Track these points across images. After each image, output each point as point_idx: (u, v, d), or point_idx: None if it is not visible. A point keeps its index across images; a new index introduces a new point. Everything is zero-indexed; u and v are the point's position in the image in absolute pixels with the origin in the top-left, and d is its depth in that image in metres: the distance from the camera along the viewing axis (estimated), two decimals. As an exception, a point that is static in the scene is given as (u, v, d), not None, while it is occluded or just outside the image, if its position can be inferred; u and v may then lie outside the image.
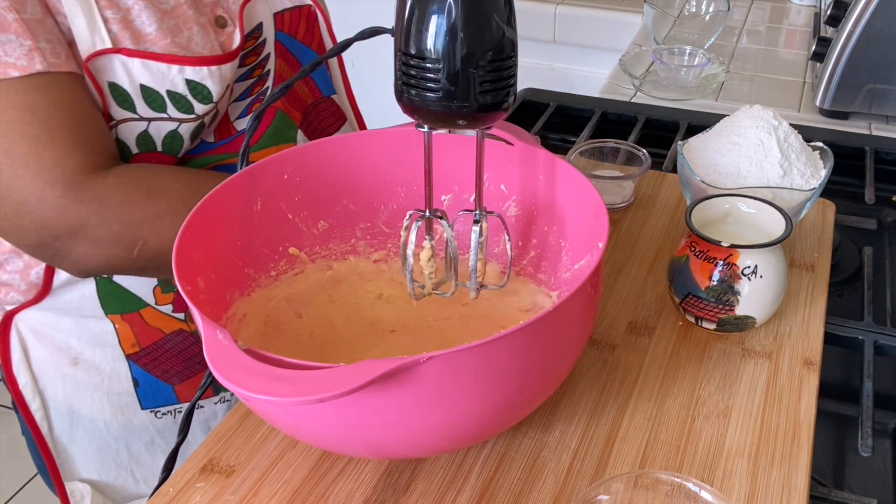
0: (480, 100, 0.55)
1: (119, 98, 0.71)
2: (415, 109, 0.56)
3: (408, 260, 0.66)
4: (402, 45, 0.54)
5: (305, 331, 0.72)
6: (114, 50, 0.70)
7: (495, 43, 0.54)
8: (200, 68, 0.72)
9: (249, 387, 0.48)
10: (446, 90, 0.54)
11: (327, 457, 0.65)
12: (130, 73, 0.70)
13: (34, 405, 0.84)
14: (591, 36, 1.85)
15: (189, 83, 0.72)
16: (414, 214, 0.66)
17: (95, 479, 0.88)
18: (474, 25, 0.53)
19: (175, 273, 0.58)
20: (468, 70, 0.53)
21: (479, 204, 0.65)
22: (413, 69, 0.54)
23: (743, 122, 0.83)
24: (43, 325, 0.81)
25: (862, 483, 0.73)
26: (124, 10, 0.70)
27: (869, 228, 1.03)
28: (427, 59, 0.53)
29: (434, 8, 0.52)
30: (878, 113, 1.28)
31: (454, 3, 0.52)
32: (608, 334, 0.75)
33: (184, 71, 0.72)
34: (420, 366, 0.49)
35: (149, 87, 0.71)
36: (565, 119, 1.28)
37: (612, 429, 0.66)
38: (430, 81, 0.54)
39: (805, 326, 0.76)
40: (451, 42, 0.53)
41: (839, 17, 1.26)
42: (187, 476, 0.63)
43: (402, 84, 0.56)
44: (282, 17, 0.82)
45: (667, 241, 0.87)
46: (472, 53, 0.53)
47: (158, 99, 0.72)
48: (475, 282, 0.66)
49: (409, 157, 0.74)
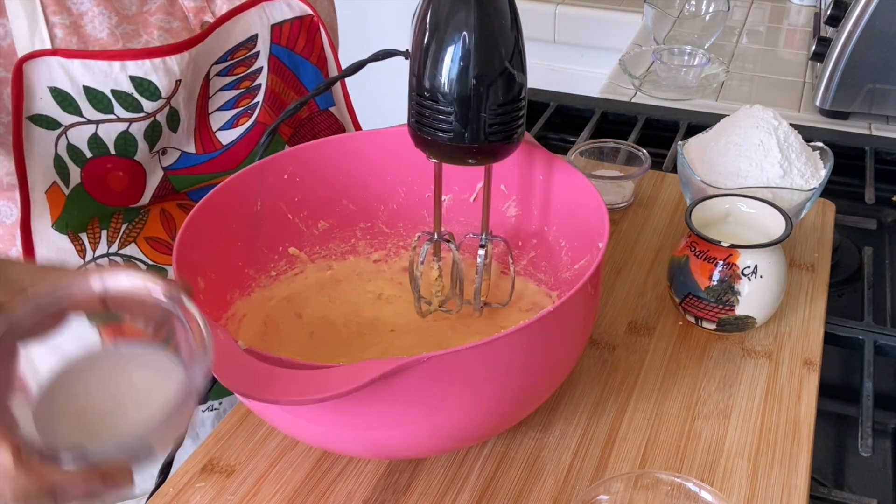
0: (490, 140, 0.57)
1: (63, 103, 0.69)
2: (426, 146, 0.59)
3: (416, 280, 0.69)
4: (416, 84, 0.56)
5: (305, 331, 0.72)
6: (50, 52, 0.68)
7: (507, 90, 0.56)
8: (143, 62, 0.70)
9: (249, 387, 0.48)
10: (457, 131, 0.56)
11: (327, 457, 0.65)
12: (71, 75, 0.69)
13: None
14: (591, 36, 1.85)
15: (134, 80, 0.71)
16: (423, 237, 0.67)
17: None
18: (488, 72, 0.55)
19: (175, 273, 0.58)
20: (480, 114, 0.56)
21: (486, 228, 0.67)
22: (427, 109, 0.56)
23: (743, 122, 0.83)
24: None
25: (862, 483, 0.73)
26: (75, 16, 0.69)
27: (869, 228, 1.03)
28: (440, 101, 0.56)
29: (449, 53, 0.54)
30: (878, 113, 1.28)
31: (469, 50, 0.54)
32: (608, 334, 0.75)
33: (126, 67, 0.70)
34: (420, 366, 0.49)
35: (92, 89, 0.70)
36: (565, 119, 1.28)
37: (612, 429, 0.66)
38: (442, 122, 0.56)
39: (805, 326, 0.76)
40: (464, 87, 0.55)
41: (839, 17, 1.26)
42: (187, 476, 0.63)
43: (416, 122, 0.58)
44: (280, 28, 0.80)
45: (667, 241, 0.87)
46: (484, 99, 0.55)
47: (104, 100, 0.70)
48: (479, 301, 0.69)
49: (409, 157, 0.73)
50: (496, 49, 0.55)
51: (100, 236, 0.75)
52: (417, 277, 0.69)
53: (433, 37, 0.55)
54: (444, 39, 0.54)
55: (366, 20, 2.09)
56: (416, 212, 0.77)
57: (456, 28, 0.54)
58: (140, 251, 0.77)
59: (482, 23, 0.54)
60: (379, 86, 1.90)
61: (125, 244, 0.77)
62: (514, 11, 0.56)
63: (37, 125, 0.69)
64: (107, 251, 0.76)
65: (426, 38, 0.55)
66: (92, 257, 0.75)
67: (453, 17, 0.54)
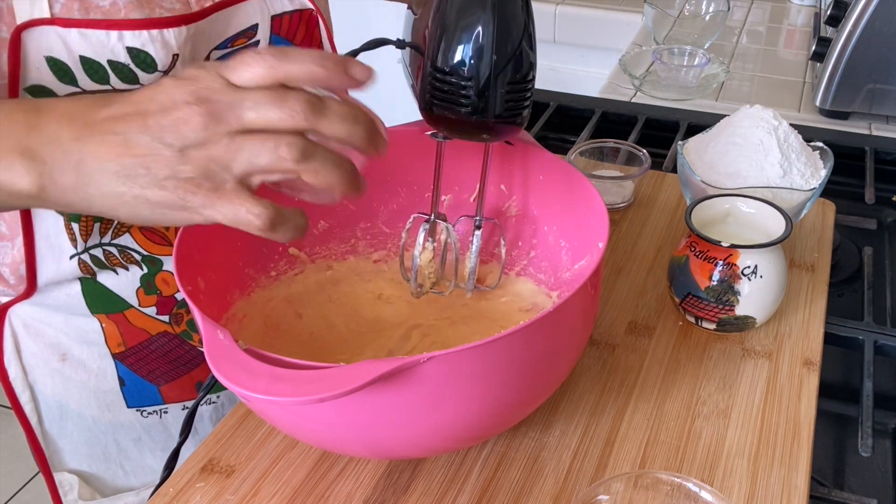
0: (505, 115, 0.59)
1: (59, 73, 0.68)
2: (442, 122, 0.60)
3: (415, 261, 0.69)
4: (434, 61, 0.58)
5: (305, 331, 0.72)
6: (47, 21, 0.66)
7: (523, 64, 0.58)
8: (140, 32, 0.69)
9: (250, 387, 0.48)
10: (475, 105, 0.58)
11: (327, 457, 0.65)
12: (68, 45, 0.67)
13: (24, 397, 0.84)
14: (591, 36, 1.85)
15: (130, 51, 0.69)
16: (418, 218, 0.67)
17: (85, 471, 0.88)
18: (506, 47, 0.57)
19: (175, 273, 0.58)
20: (497, 88, 0.57)
21: (481, 210, 0.68)
22: (445, 84, 0.58)
23: (743, 122, 0.83)
24: (34, 319, 0.81)
25: (862, 483, 0.73)
26: None
27: (869, 228, 1.03)
28: (459, 76, 0.57)
29: (469, 30, 0.56)
30: (878, 113, 1.28)
31: (488, 26, 0.56)
32: (608, 334, 0.75)
33: (123, 37, 0.68)
34: (420, 366, 0.49)
35: (89, 59, 0.68)
36: (565, 119, 1.28)
37: (612, 429, 0.66)
38: (460, 97, 0.58)
39: (805, 326, 0.76)
40: (483, 62, 0.57)
41: (839, 17, 1.26)
42: (187, 476, 0.63)
43: (431, 98, 0.59)
44: (280, 20, 0.80)
45: (667, 241, 0.87)
46: (503, 74, 0.57)
47: (100, 70, 0.69)
48: (472, 282, 0.70)
49: (410, 158, 0.74)
50: (515, 26, 0.57)
51: (92, 227, 0.75)
52: (415, 258, 0.70)
53: (454, 14, 0.57)
54: (465, 17, 0.56)
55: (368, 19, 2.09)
56: (417, 212, 0.77)
57: (476, 7, 0.56)
58: (134, 241, 0.77)
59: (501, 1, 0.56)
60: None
61: (118, 234, 0.76)
62: None
63: (34, 97, 0.68)
64: (99, 241, 0.75)
65: (446, 15, 0.57)
66: (84, 247, 0.75)
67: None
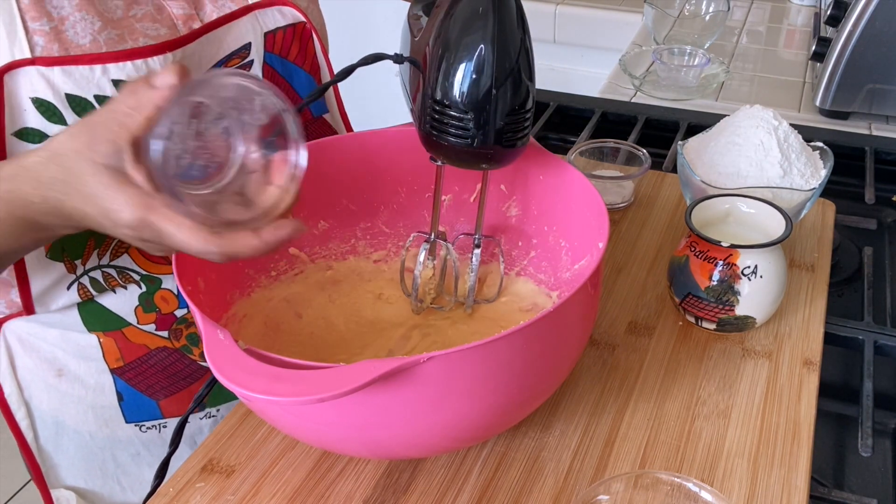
0: (505, 143, 0.59)
1: (47, 113, 0.67)
2: (441, 151, 0.60)
3: (416, 280, 0.70)
4: (433, 93, 0.58)
5: (305, 331, 0.72)
6: (28, 61, 0.65)
7: (521, 97, 0.58)
8: (124, 64, 0.68)
9: (250, 387, 0.48)
10: (473, 136, 0.58)
11: (327, 457, 0.65)
12: (53, 83, 0.66)
13: (19, 414, 0.83)
14: (591, 36, 1.85)
15: (116, 84, 0.68)
16: (419, 237, 0.67)
17: (82, 487, 0.87)
18: (505, 81, 0.57)
19: (175, 273, 0.58)
20: (496, 120, 0.57)
21: (480, 229, 0.69)
22: (444, 116, 0.58)
23: (743, 122, 0.83)
24: (29, 334, 0.80)
25: (862, 483, 0.73)
26: (56, 21, 0.67)
27: (869, 228, 1.03)
28: (458, 109, 0.57)
29: (469, 63, 0.56)
30: (878, 113, 1.28)
31: (488, 60, 0.56)
32: (608, 334, 0.75)
33: (108, 70, 0.67)
34: (420, 366, 0.49)
35: (75, 96, 0.67)
36: (565, 119, 1.28)
37: (612, 429, 0.66)
38: (459, 129, 0.58)
39: (805, 326, 0.76)
40: (483, 95, 0.56)
41: (839, 17, 1.26)
42: (187, 476, 0.63)
43: (431, 128, 0.59)
44: (273, 36, 0.79)
45: (667, 241, 0.87)
46: (501, 105, 0.57)
47: (88, 106, 0.68)
48: (472, 299, 0.71)
49: (409, 158, 0.74)
50: (513, 58, 0.57)
51: (91, 251, 0.74)
52: (417, 277, 0.70)
53: (451, 47, 0.56)
54: (463, 50, 0.56)
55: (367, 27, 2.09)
56: (417, 212, 0.77)
57: (476, 39, 0.56)
58: (133, 261, 0.76)
59: (501, 33, 0.56)
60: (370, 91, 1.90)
61: (116, 255, 0.75)
62: (523, 19, 0.58)
63: (24, 140, 0.67)
64: (98, 263, 0.74)
65: (444, 48, 0.57)
66: (83, 271, 0.74)
67: (472, 29, 0.56)
